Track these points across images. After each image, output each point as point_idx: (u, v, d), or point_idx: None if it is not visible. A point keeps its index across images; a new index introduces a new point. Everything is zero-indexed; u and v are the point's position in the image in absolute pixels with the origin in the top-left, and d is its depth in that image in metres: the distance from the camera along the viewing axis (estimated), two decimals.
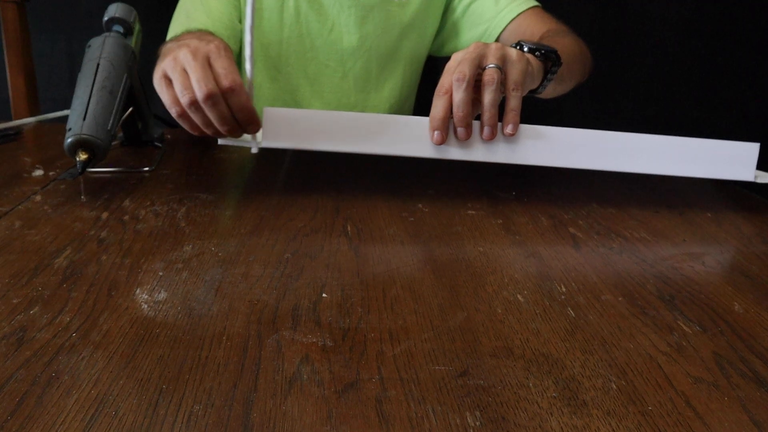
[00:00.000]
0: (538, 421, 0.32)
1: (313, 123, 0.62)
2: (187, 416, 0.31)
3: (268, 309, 0.42)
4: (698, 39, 1.63)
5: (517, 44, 0.69)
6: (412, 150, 0.62)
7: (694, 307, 0.45)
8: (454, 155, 0.62)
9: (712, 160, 0.63)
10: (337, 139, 0.62)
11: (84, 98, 0.64)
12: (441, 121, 0.61)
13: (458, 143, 0.62)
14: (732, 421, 0.33)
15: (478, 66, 0.61)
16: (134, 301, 0.42)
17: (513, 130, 0.62)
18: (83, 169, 0.61)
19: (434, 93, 0.61)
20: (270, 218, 0.58)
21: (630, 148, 0.63)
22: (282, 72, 1.04)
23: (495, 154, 0.63)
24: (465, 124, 0.61)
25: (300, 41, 1.03)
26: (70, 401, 0.32)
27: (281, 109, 0.62)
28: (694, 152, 0.63)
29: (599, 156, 0.63)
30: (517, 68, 0.62)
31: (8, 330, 0.38)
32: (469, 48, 0.62)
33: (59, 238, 0.52)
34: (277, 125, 0.62)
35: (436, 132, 0.61)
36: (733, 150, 0.63)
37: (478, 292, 0.45)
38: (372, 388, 0.34)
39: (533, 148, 0.63)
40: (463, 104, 0.60)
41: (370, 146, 0.62)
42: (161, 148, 0.83)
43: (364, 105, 1.10)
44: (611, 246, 0.55)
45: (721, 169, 0.63)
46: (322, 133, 0.62)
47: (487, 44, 0.62)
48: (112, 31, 0.75)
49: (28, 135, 0.90)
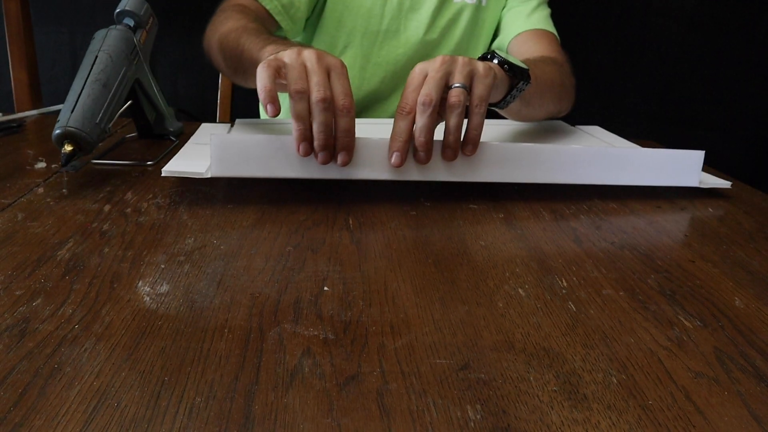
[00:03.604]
0: (539, 414, 0.32)
1: (264, 150, 0.58)
2: (189, 408, 0.31)
3: (269, 302, 0.42)
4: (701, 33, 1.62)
5: (490, 54, 0.67)
6: (370, 173, 0.60)
7: (695, 301, 0.45)
8: (413, 176, 0.61)
9: (661, 168, 0.67)
10: (291, 165, 0.58)
11: (77, 90, 0.65)
12: (403, 143, 0.58)
13: (417, 163, 0.60)
14: (732, 415, 0.33)
15: (445, 86, 0.58)
16: (136, 294, 0.42)
17: (472, 151, 0.60)
18: (67, 161, 0.61)
19: (396, 110, 0.58)
20: (272, 211, 0.58)
21: (585, 161, 0.65)
22: (371, 62, 1.03)
23: (455, 174, 0.61)
24: (426, 149, 0.58)
25: (395, 35, 1.02)
26: (72, 393, 0.32)
27: (230, 135, 0.58)
28: (645, 162, 0.67)
29: (556, 170, 0.64)
30: (483, 84, 0.59)
31: (11, 321, 0.38)
32: (435, 63, 0.58)
33: (62, 230, 0.52)
34: (226, 153, 0.58)
35: (395, 154, 0.58)
36: (681, 158, 0.67)
37: (480, 286, 0.45)
38: (373, 381, 0.34)
39: (494, 166, 0.62)
40: (426, 130, 0.57)
41: (326, 171, 0.59)
42: (174, 142, 0.83)
43: None
44: (612, 241, 0.55)
45: (669, 176, 0.68)
46: (276, 159, 0.58)
47: (454, 59, 0.59)
48: (122, 24, 0.75)
49: (30, 127, 0.90)
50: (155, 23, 0.80)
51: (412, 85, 0.58)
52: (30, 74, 1.29)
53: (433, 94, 0.57)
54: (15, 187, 0.63)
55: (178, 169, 0.60)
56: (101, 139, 0.65)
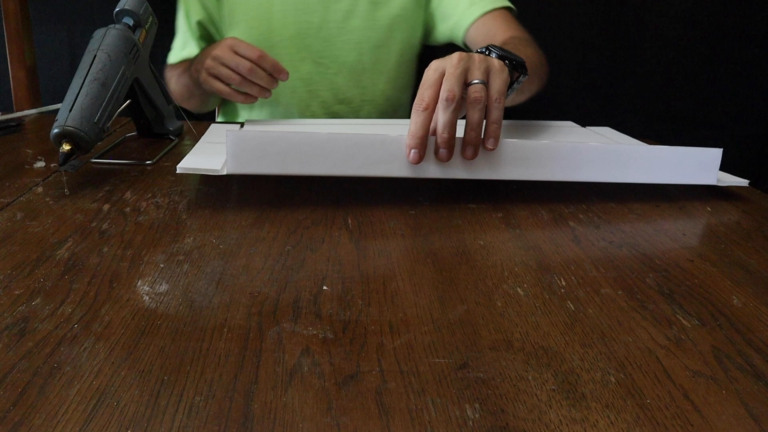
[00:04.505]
0: (537, 413, 0.32)
1: (282, 146, 0.57)
2: (188, 407, 0.31)
3: (268, 301, 0.42)
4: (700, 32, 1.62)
5: (486, 49, 0.67)
6: (388, 170, 0.59)
7: (693, 301, 0.45)
8: (432, 173, 0.60)
9: (678, 166, 0.67)
10: (309, 161, 0.58)
11: (75, 90, 0.65)
12: (420, 139, 0.57)
13: (435, 161, 0.59)
14: (730, 414, 0.33)
15: (464, 82, 0.58)
16: (135, 293, 0.42)
17: (494, 144, 0.59)
18: (65, 161, 0.61)
19: (413, 106, 0.58)
20: (271, 211, 0.58)
21: (604, 158, 0.64)
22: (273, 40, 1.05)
23: (475, 171, 0.61)
24: (449, 146, 0.58)
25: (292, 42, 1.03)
26: (71, 392, 0.32)
27: (247, 131, 0.58)
28: (663, 160, 0.66)
29: (575, 167, 0.64)
30: (500, 78, 0.60)
31: (10, 321, 0.38)
32: (453, 60, 0.59)
33: (61, 229, 0.52)
34: (242, 149, 0.57)
35: (413, 151, 0.58)
36: (698, 156, 0.67)
37: (478, 286, 0.46)
38: (372, 380, 0.34)
39: (513, 163, 0.61)
40: (449, 125, 0.57)
41: (343, 168, 0.59)
42: (173, 141, 0.83)
43: (362, 99, 1.10)
44: (611, 240, 0.56)
45: (686, 174, 0.67)
46: (293, 156, 0.58)
47: (470, 56, 0.60)
48: (121, 23, 0.75)
49: (29, 126, 0.90)
50: (155, 22, 0.80)
51: (429, 81, 0.58)
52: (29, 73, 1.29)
53: (455, 90, 0.57)
54: (14, 187, 0.63)
55: (194, 165, 0.59)
56: (99, 139, 0.65)
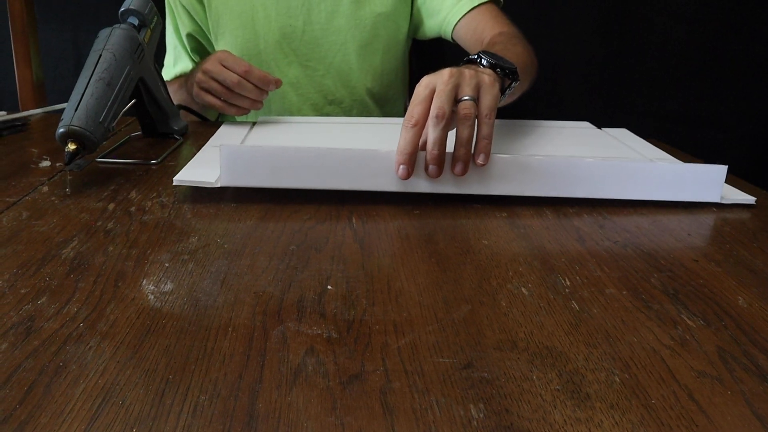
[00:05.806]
0: (542, 413, 0.32)
1: (275, 160, 0.59)
2: (193, 406, 0.31)
3: (273, 300, 0.42)
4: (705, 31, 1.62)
5: (477, 56, 0.67)
6: (378, 185, 0.60)
7: (698, 301, 0.45)
8: (422, 188, 0.60)
9: (681, 184, 0.65)
10: (301, 175, 0.59)
11: (81, 89, 0.65)
12: (409, 155, 0.58)
13: (425, 176, 0.60)
14: (735, 414, 0.33)
15: (454, 99, 0.58)
16: (141, 292, 0.43)
17: (485, 160, 0.59)
18: (70, 160, 0.61)
19: (403, 123, 0.58)
20: (275, 210, 0.59)
21: (601, 174, 0.63)
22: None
23: (465, 186, 0.61)
24: (439, 162, 0.58)
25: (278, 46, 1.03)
26: (77, 390, 0.32)
27: (240, 146, 0.58)
28: (665, 177, 0.64)
29: (567, 184, 0.63)
30: (491, 94, 0.60)
31: (16, 320, 0.39)
32: (443, 77, 0.59)
33: (66, 228, 0.53)
34: (236, 163, 0.59)
35: (402, 166, 0.58)
36: (702, 173, 0.65)
37: (483, 285, 0.46)
38: (376, 380, 0.34)
39: (503, 178, 0.61)
40: (439, 142, 0.57)
41: (335, 182, 0.60)
42: (178, 140, 0.83)
43: (352, 99, 1.10)
44: (616, 239, 0.55)
45: (689, 192, 0.65)
46: (285, 170, 0.59)
47: (461, 72, 0.60)
48: (126, 23, 0.75)
49: (35, 126, 0.90)
50: (159, 22, 0.80)
51: (419, 98, 0.59)
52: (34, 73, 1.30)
53: (445, 107, 0.57)
54: (19, 186, 0.63)
55: (189, 178, 0.61)
56: (105, 138, 0.65)
